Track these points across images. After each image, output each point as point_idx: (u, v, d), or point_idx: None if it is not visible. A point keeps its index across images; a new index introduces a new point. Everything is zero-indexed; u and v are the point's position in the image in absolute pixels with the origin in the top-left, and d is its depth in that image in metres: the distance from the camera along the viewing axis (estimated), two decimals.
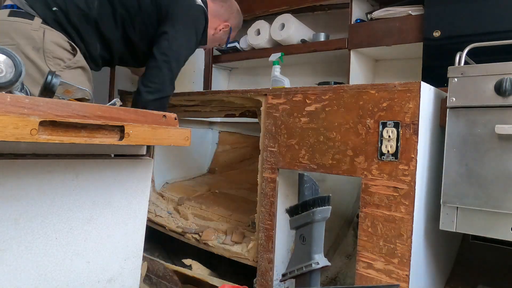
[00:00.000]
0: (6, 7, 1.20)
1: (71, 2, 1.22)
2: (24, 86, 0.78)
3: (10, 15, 1.17)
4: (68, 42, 1.23)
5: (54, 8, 1.21)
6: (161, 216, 1.74)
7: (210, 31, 1.53)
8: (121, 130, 0.70)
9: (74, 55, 1.23)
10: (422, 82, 1.01)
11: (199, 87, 2.42)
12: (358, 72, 1.80)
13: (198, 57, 2.39)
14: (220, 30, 1.56)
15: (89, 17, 1.26)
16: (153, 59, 1.34)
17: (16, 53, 1.12)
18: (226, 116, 1.78)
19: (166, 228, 1.67)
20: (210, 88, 2.41)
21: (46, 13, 1.20)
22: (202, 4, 1.43)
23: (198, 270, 1.51)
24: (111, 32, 1.33)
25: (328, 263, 0.86)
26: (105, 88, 1.97)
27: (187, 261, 1.55)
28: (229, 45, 2.27)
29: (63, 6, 1.21)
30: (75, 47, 1.24)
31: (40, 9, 1.19)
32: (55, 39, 1.20)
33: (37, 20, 1.18)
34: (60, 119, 0.62)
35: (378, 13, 1.67)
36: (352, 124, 1.12)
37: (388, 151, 1.05)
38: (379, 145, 1.06)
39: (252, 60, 2.17)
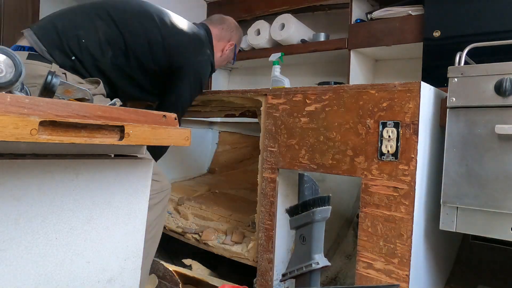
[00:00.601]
0: (22, 48, 1.19)
1: (87, 52, 1.24)
2: (24, 86, 0.78)
3: (29, 57, 1.17)
4: (84, 80, 1.26)
5: (73, 58, 1.23)
6: None
7: (217, 54, 1.59)
8: (121, 130, 0.70)
9: (97, 86, 1.26)
10: (422, 82, 1.01)
11: None
12: (358, 72, 1.80)
13: None
14: (226, 50, 1.63)
15: (101, 66, 1.28)
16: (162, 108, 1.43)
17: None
18: (226, 116, 1.79)
19: (166, 228, 1.67)
20: (210, 88, 2.41)
21: (65, 61, 1.21)
22: (209, 53, 1.49)
23: (198, 270, 1.51)
24: (121, 79, 1.36)
25: (328, 263, 0.86)
26: None
27: (187, 261, 1.55)
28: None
29: (79, 55, 1.23)
30: (97, 79, 1.27)
31: (59, 57, 1.20)
32: (76, 78, 1.23)
33: (55, 66, 1.19)
34: (60, 119, 0.62)
35: (378, 13, 1.67)
36: (352, 124, 1.12)
37: (388, 151, 1.05)
38: (379, 145, 1.06)
39: (252, 60, 2.17)
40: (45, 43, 1.19)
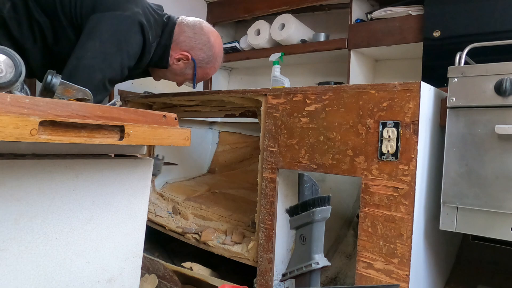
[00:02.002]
0: None
1: None
2: (24, 86, 0.78)
3: None
4: None
5: None
6: (161, 216, 1.74)
7: (171, 60, 1.35)
8: (121, 130, 0.70)
9: None
10: (422, 82, 1.01)
11: (199, 87, 2.42)
12: (358, 72, 1.80)
13: None
14: (177, 60, 1.36)
15: (1, 22, 1.09)
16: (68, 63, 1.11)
17: None
18: (226, 116, 1.79)
19: (166, 228, 1.67)
20: (210, 88, 2.41)
21: None
22: (136, 11, 1.17)
23: (199, 271, 1.50)
24: (27, 39, 1.14)
25: (328, 263, 0.86)
26: None
27: (187, 265, 1.55)
28: (229, 45, 2.27)
29: None
30: None
31: None
32: None
33: None
34: (60, 119, 0.62)
35: (378, 13, 1.67)
36: (352, 124, 1.12)
37: (388, 151, 1.05)
38: (379, 145, 1.06)
39: (252, 60, 2.17)
40: None
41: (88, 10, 1.13)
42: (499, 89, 0.93)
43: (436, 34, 1.46)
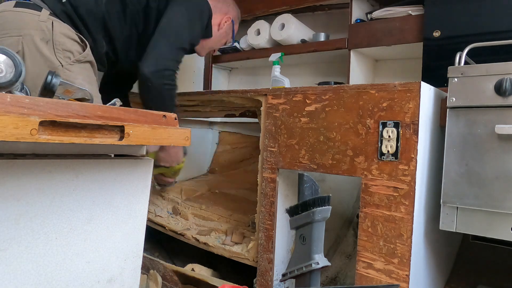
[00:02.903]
0: None
1: None
2: (24, 86, 0.78)
3: (16, 6, 1.12)
4: (77, 34, 1.18)
5: (64, 0, 1.17)
6: (161, 216, 1.74)
7: (215, 28, 1.52)
8: (121, 130, 0.70)
9: (84, 48, 1.18)
10: (422, 82, 1.01)
11: (199, 87, 2.42)
12: (358, 72, 1.80)
13: (198, 57, 2.38)
14: (223, 24, 1.55)
15: (97, 13, 1.22)
16: (153, 38, 1.29)
17: (25, 44, 1.08)
18: (226, 116, 1.79)
19: (166, 228, 1.67)
20: (210, 88, 2.41)
21: (55, 4, 1.16)
22: None
23: (201, 272, 1.50)
24: (119, 30, 1.29)
25: (328, 263, 0.86)
26: None
27: (188, 267, 1.55)
28: (229, 45, 2.27)
29: None
30: (85, 40, 1.19)
31: (49, 1, 1.15)
32: (64, 30, 1.15)
33: (45, 12, 1.13)
34: (60, 119, 0.62)
35: (378, 13, 1.66)
36: (352, 124, 1.12)
37: (388, 151, 1.05)
38: (379, 145, 1.06)
39: (252, 60, 2.17)
40: None
41: None
42: (499, 89, 0.93)
43: (436, 34, 1.46)
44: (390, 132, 1.04)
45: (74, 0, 1.19)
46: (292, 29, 1.92)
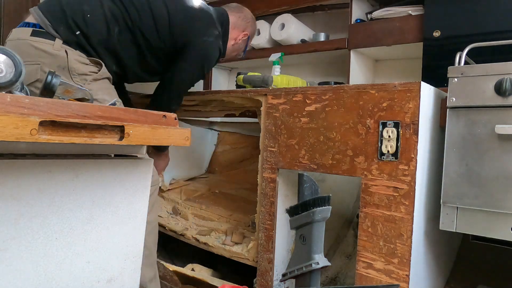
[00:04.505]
0: (27, 25, 1.20)
1: (92, 27, 1.23)
2: (24, 86, 0.78)
3: (32, 34, 1.17)
4: (89, 59, 1.24)
5: (78, 32, 1.21)
6: (161, 216, 1.74)
7: (230, 42, 1.57)
8: (121, 130, 0.70)
9: (100, 68, 1.25)
10: (422, 82, 1.01)
11: (199, 87, 2.42)
12: (358, 72, 1.80)
13: None
14: (239, 40, 1.60)
15: (108, 43, 1.27)
16: (158, 85, 1.46)
17: (43, 72, 1.15)
18: (226, 116, 1.79)
19: (166, 228, 1.67)
20: (210, 88, 2.41)
21: (69, 36, 1.20)
22: (217, 35, 1.45)
23: (201, 272, 1.50)
24: (129, 57, 1.35)
25: (328, 263, 0.86)
26: None
27: (188, 267, 1.55)
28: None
29: (84, 30, 1.22)
30: (99, 61, 1.25)
31: (63, 32, 1.20)
32: (78, 57, 1.21)
33: (58, 41, 1.18)
34: (60, 119, 0.62)
35: (378, 13, 1.67)
36: (352, 124, 1.12)
37: (388, 151, 1.05)
38: (379, 145, 1.06)
39: (252, 60, 2.17)
40: (50, 18, 1.19)
41: (181, 34, 1.37)
42: (499, 89, 0.93)
43: (436, 34, 1.46)
44: (390, 132, 1.04)
45: (87, 31, 1.23)
46: (292, 29, 1.92)
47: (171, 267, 1.50)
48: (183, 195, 1.91)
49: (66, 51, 1.19)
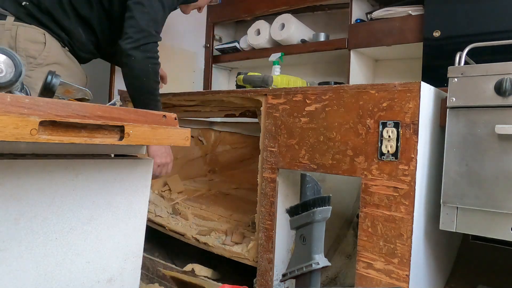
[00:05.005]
0: None
1: None
2: (24, 86, 0.78)
3: None
4: (44, 34, 1.16)
5: (24, 3, 1.15)
6: (161, 216, 1.74)
7: None
8: (121, 130, 0.70)
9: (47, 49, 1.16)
10: (422, 82, 1.01)
11: (199, 87, 2.42)
12: (358, 72, 1.80)
13: (198, 57, 2.39)
14: None
15: (62, 3, 1.19)
16: (127, 12, 1.23)
17: None
18: (226, 116, 1.78)
19: (166, 228, 1.67)
20: (210, 88, 2.41)
21: (18, 9, 1.15)
22: None
23: (202, 272, 1.50)
24: (89, 14, 1.24)
25: (328, 263, 0.86)
26: (105, 88, 1.97)
27: (188, 267, 1.55)
28: (229, 45, 2.27)
29: None
30: (50, 38, 1.17)
31: (11, 7, 1.14)
32: (28, 35, 1.15)
33: (10, 19, 1.13)
34: (60, 119, 0.62)
35: (378, 13, 1.67)
36: (352, 124, 1.12)
37: (388, 151, 1.05)
38: (379, 145, 1.06)
39: (252, 60, 2.17)
40: None
41: None
42: (499, 89, 0.93)
43: (436, 34, 1.46)
44: (390, 132, 1.04)
45: None
46: (292, 29, 1.92)
47: (169, 273, 1.50)
48: (183, 195, 1.91)
49: (16, 30, 1.13)
